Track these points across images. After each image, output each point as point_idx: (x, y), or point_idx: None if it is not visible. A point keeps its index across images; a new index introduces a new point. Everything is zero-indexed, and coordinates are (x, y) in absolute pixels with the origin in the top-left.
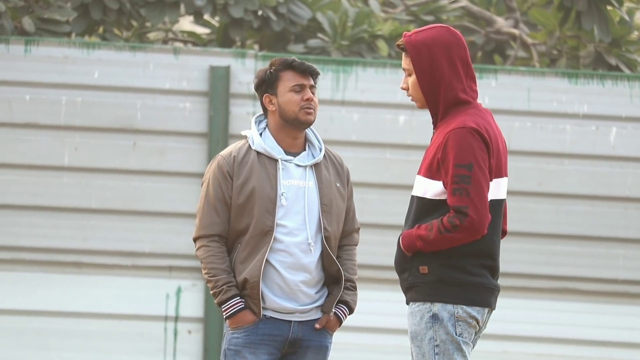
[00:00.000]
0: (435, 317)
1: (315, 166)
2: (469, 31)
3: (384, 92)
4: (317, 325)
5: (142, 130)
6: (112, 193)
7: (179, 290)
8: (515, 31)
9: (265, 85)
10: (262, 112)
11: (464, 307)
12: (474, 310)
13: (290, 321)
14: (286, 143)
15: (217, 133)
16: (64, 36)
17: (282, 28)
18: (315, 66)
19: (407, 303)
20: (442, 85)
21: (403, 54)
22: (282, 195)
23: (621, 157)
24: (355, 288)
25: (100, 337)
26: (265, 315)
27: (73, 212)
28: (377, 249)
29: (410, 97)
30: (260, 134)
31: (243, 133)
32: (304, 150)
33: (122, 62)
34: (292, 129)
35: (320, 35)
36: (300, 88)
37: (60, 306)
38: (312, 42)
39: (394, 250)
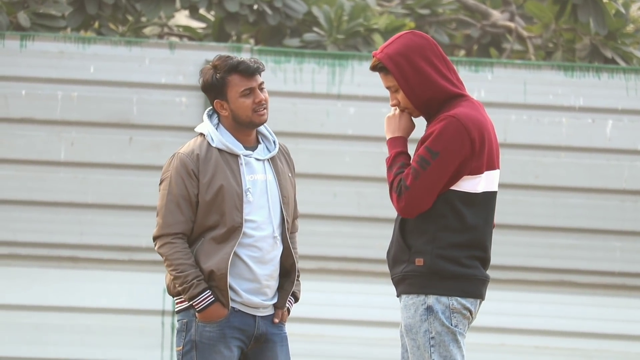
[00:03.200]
0: (430, 310)
1: (272, 159)
2: (465, 24)
3: (380, 85)
4: (275, 320)
5: (138, 124)
6: (108, 188)
7: None
8: (511, 24)
9: (215, 91)
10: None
11: (459, 298)
12: (467, 302)
13: (255, 316)
14: (242, 139)
15: None
16: (59, 31)
17: (277, 22)
18: (259, 63)
19: (398, 295)
20: (432, 88)
21: (380, 74)
22: (248, 191)
23: (617, 149)
24: (299, 277)
25: (97, 332)
26: (234, 308)
27: (69, 206)
28: (373, 242)
29: (406, 111)
30: (216, 129)
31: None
32: (259, 143)
33: (117, 57)
34: (246, 128)
35: (316, 29)
36: (250, 91)
37: (57, 301)
38: (308, 36)
39: None
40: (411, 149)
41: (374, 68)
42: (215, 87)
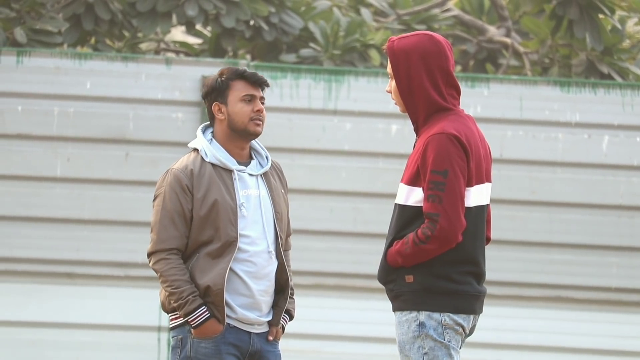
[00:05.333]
0: (422, 326)
1: (264, 175)
2: (461, 40)
3: (376, 101)
4: (270, 338)
5: (135, 140)
6: (104, 204)
7: None
8: (507, 40)
9: (215, 93)
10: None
11: (451, 314)
12: (459, 318)
13: (250, 332)
14: (235, 153)
15: None
16: (55, 47)
17: (274, 38)
18: (265, 78)
19: (394, 311)
20: (420, 93)
21: (388, 58)
22: (242, 205)
23: (613, 165)
24: (294, 295)
25: (93, 348)
26: (229, 324)
27: (66, 222)
28: (370, 258)
29: (394, 102)
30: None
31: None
32: (252, 159)
33: (114, 73)
34: (240, 138)
35: (312, 44)
36: (251, 98)
37: (53, 317)
38: (304, 52)
39: None
40: (401, 163)
41: (385, 51)
42: (217, 89)
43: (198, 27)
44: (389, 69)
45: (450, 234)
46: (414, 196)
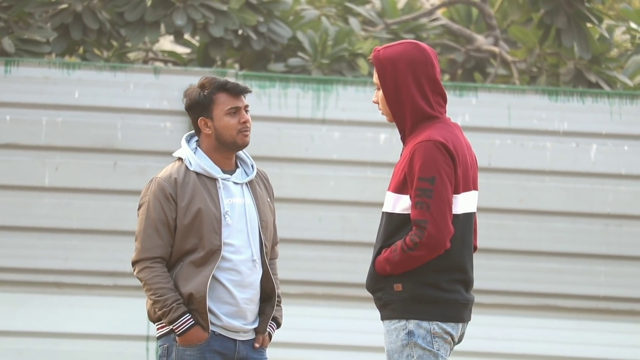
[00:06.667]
0: (411, 334)
1: (250, 183)
2: (449, 49)
3: (365, 110)
4: (256, 345)
5: (123, 150)
6: (93, 213)
7: None
8: (495, 49)
9: (200, 108)
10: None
11: (440, 323)
12: (448, 326)
13: (236, 340)
14: (221, 163)
15: None
16: (44, 56)
17: (262, 47)
18: (246, 85)
19: (382, 319)
20: (407, 101)
21: (374, 68)
22: (227, 214)
23: (601, 173)
24: (281, 302)
25: (82, 358)
26: (214, 332)
27: (54, 232)
28: (358, 266)
29: (381, 112)
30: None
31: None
32: (237, 168)
33: (102, 82)
34: (228, 150)
35: (300, 54)
36: (236, 110)
37: (42, 327)
38: (293, 61)
39: None
40: (390, 172)
41: (370, 60)
42: (201, 104)
43: (186, 36)
44: (375, 78)
45: (439, 240)
46: (401, 204)
